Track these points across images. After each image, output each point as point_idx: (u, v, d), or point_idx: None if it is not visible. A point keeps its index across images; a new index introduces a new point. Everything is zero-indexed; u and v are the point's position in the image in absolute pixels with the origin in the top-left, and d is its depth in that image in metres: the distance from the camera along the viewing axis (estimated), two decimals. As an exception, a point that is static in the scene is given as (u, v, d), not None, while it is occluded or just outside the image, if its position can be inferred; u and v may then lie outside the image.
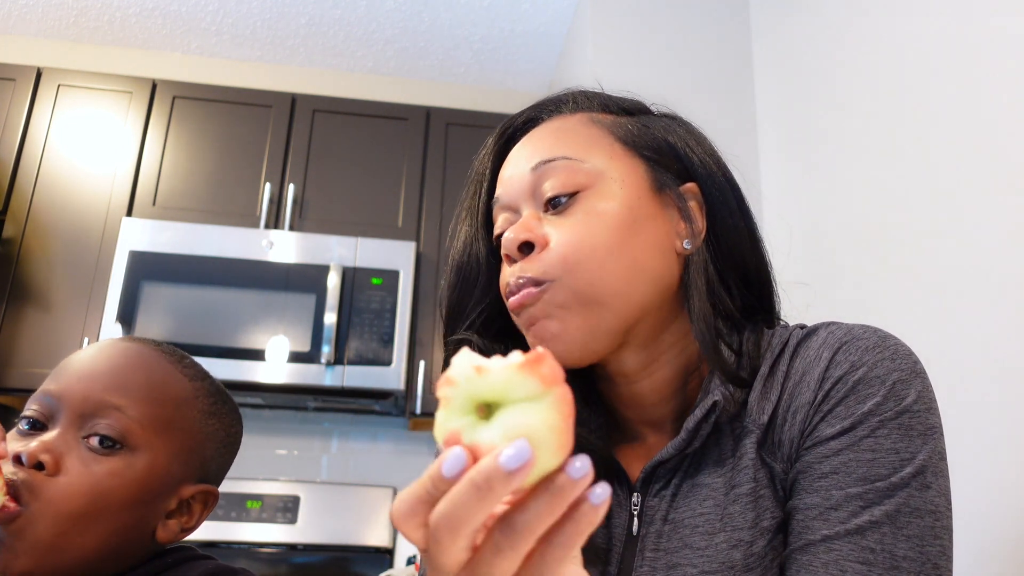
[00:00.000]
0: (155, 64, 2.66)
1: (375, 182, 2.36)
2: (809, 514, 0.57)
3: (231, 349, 2.05)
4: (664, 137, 0.70)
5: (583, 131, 0.69)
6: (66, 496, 0.66)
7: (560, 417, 0.37)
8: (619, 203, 0.65)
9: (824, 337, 0.63)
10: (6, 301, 2.09)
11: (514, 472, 0.35)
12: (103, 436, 0.69)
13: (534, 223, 0.66)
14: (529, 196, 0.67)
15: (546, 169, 0.66)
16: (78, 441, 0.68)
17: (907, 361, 0.60)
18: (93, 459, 0.68)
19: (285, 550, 2.21)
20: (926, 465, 0.56)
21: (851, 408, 0.58)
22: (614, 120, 0.71)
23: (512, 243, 0.65)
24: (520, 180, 0.68)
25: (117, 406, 0.70)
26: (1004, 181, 1.06)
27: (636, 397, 0.69)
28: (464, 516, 0.36)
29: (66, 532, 0.65)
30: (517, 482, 0.35)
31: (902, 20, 1.34)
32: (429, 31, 2.54)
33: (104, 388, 0.70)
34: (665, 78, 1.98)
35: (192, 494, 0.76)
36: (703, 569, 0.59)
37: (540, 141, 0.69)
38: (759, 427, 0.62)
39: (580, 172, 0.66)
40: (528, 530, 0.36)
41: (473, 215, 0.72)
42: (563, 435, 0.37)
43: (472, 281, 0.71)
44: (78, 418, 0.69)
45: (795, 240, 1.71)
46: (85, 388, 0.70)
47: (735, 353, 0.65)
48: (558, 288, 0.63)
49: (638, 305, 0.64)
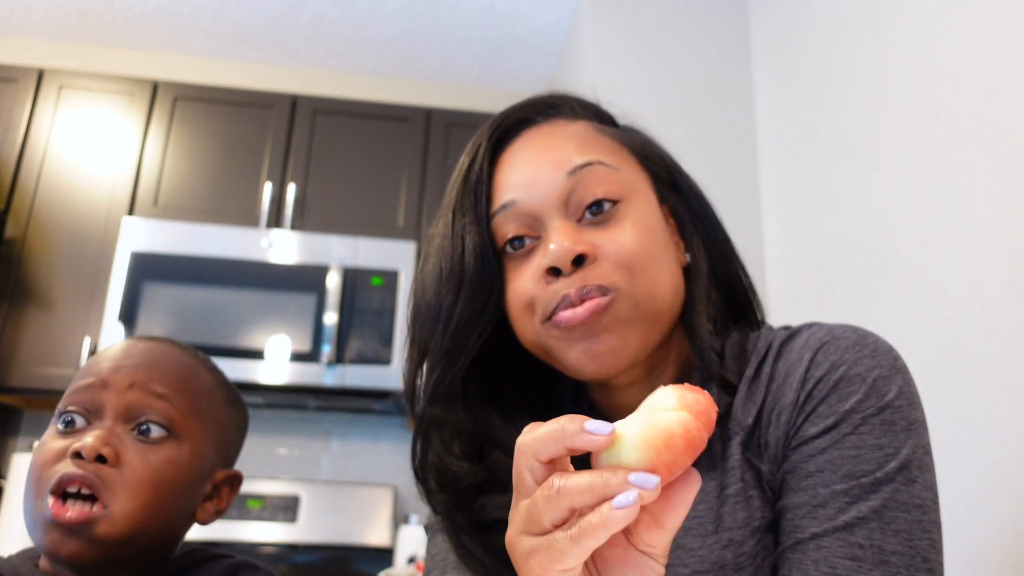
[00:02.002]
0: (156, 65, 2.67)
1: (376, 182, 2.37)
2: (798, 513, 0.58)
3: (232, 349, 2.06)
4: (658, 151, 0.71)
5: (599, 140, 0.67)
6: (135, 487, 0.69)
7: (663, 426, 0.40)
8: (654, 215, 0.66)
9: (806, 338, 0.63)
10: (8, 301, 2.10)
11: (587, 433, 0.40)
12: (154, 424, 0.71)
13: (579, 233, 0.62)
14: (561, 204, 0.63)
15: (584, 174, 0.63)
16: (128, 433, 0.70)
17: (887, 357, 0.60)
18: (148, 449, 0.71)
19: (285, 549, 2.21)
20: (910, 460, 0.56)
21: (833, 406, 0.59)
22: (617, 132, 0.70)
23: (567, 254, 0.60)
24: (550, 186, 0.63)
25: (163, 395, 0.73)
26: (1005, 183, 1.07)
27: (630, 406, 0.69)
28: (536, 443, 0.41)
29: (140, 522, 0.69)
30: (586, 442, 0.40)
31: (901, 25, 1.34)
32: (430, 32, 2.55)
33: (148, 379, 0.73)
34: (665, 79, 1.99)
35: (223, 478, 0.80)
36: (695, 569, 0.60)
37: (561, 146, 0.65)
38: (744, 429, 0.62)
39: (616, 181, 0.64)
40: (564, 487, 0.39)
41: (479, 223, 0.65)
42: (653, 439, 0.39)
43: (485, 297, 0.64)
44: (125, 411, 0.71)
45: (795, 244, 1.71)
46: (130, 380, 0.72)
47: (719, 356, 0.65)
48: (623, 300, 0.61)
49: (673, 319, 0.66)
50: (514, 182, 0.65)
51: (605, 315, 0.61)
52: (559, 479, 0.40)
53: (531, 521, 0.41)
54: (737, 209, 1.84)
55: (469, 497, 0.66)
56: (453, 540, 0.67)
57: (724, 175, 1.89)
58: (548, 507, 0.40)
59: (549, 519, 0.40)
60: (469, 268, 0.64)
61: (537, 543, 0.41)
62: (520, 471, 0.42)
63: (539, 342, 0.65)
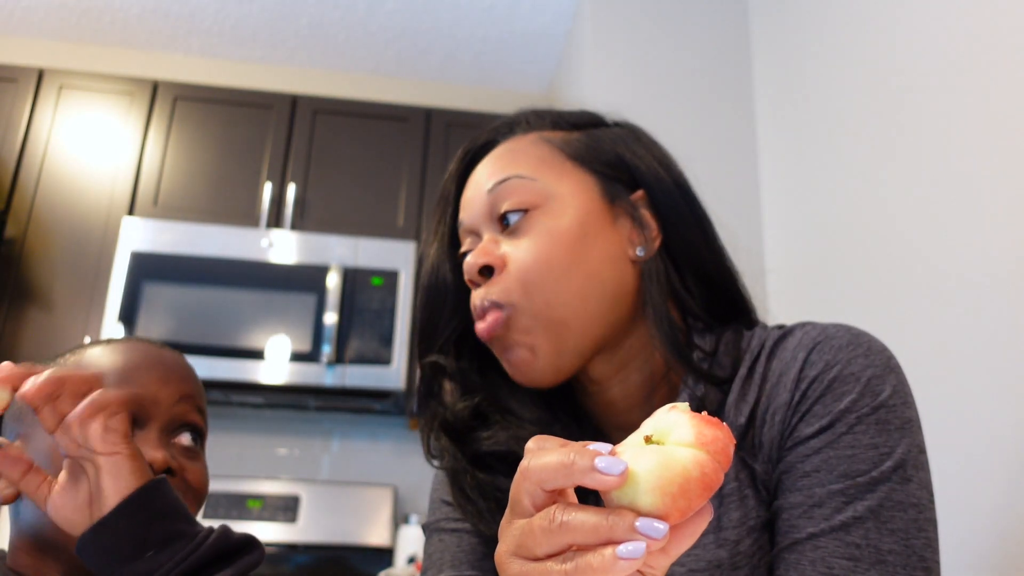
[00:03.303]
0: (156, 65, 2.67)
1: (375, 182, 2.37)
2: (794, 513, 0.58)
3: (232, 349, 2.06)
4: (612, 148, 0.71)
5: (533, 151, 0.70)
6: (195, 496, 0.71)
7: (680, 469, 0.37)
8: (569, 220, 0.67)
9: (799, 338, 0.64)
10: (8, 301, 2.10)
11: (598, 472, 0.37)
12: (195, 436, 0.73)
13: (492, 246, 0.67)
14: (487, 218, 0.69)
15: (500, 189, 0.68)
16: (168, 443, 0.71)
17: (880, 357, 0.60)
18: (193, 456, 0.72)
19: (285, 549, 2.21)
20: (905, 459, 0.57)
21: (828, 406, 0.59)
22: (563, 137, 0.72)
23: (472, 268, 0.67)
24: (479, 202, 0.70)
25: (202, 408, 0.75)
26: (1005, 182, 1.07)
27: (610, 404, 0.70)
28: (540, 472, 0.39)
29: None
30: (595, 482, 0.37)
31: (901, 23, 1.34)
32: (430, 32, 2.55)
33: (194, 391, 0.74)
34: (665, 79, 1.99)
35: None
36: (690, 568, 0.60)
37: (495, 163, 0.71)
38: (736, 428, 0.62)
39: (531, 191, 0.67)
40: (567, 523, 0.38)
41: (441, 238, 0.74)
42: (668, 483, 0.37)
43: (441, 303, 0.72)
44: (170, 420, 0.71)
45: (795, 243, 1.71)
46: (178, 391, 0.73)
47: (707, 354, 0.65)
48: (520, 313, 0.65)
49: (598, 318, 0.66)
50: (464, 201, 0.72)
51: (506, 329, 0.65)
52: (562, 513, 0.38)
53: (524, 546, 0.40)
54: (737, 209, 1.84)
55: (466, 433, 0.70)
56: (453, 485, 0.70)
57: (724, 175, 1.89)
58: (546, 538, 0.38)
59: (545, 550, 0.39)
60: (427, 278, 0.73)
61: (528, 569, 0.40)
62: (519, 494, 0.41)
63: None
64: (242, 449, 2.38)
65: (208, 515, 2.18)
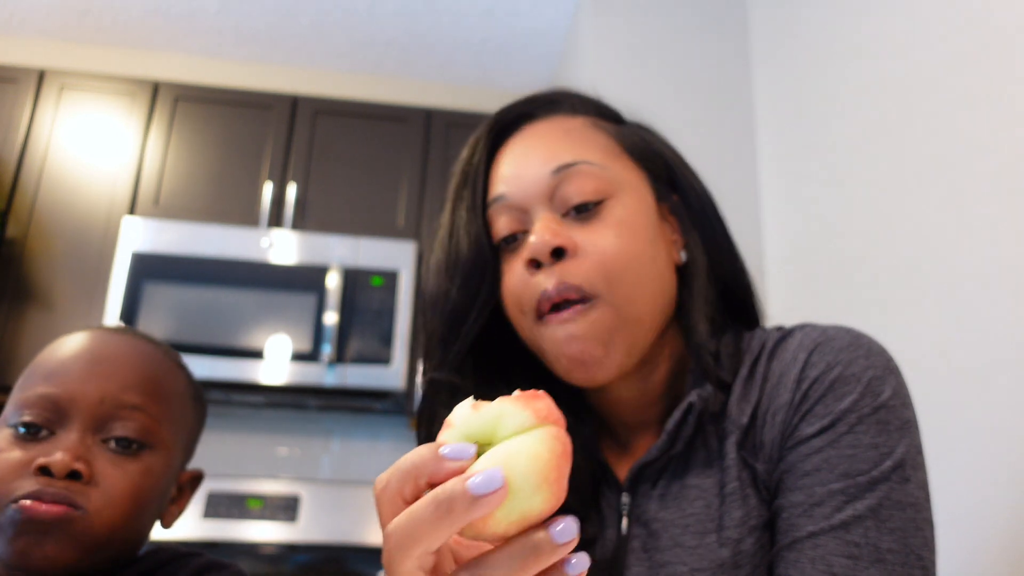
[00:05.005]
0: (157, 65, 2.67)
1: (376, 182, 2.37)
2: (794, 512, 0.58)
3: (232, 349, 2.06)
4: (657, 148, 0.71)
5: (594, 137, 0.67)
6: (113, 503, 0.65)
7: (548, 452, 0.35)
8: (643, 214, 0.65)
9: (800, 339, 0.64)
10: (8, 301, 2.11)
11: (480, 498, 0.34)
12: (128, 439, 0.67)
13: (560, 227, 0.63)
14: (546, 199, 0.64)
15: (569, 173, 0.64)
16: (98, 444, 0.66)
17: (881, 358, 0.61)
18: (122, 461, 0.66)
19: (285, 549, 2.22)
20: (905, 459, 0.57)
21: (829, 406, 0.59)
22: (616, 129, 0.70)
23: (545, 247, 0.61)
24: (535, 181, 0.65)
25: (137, 406, 0.68)
26: (1005, 183, 1.07)
27: (625, 402, 0.70)
28: (419, 533, 0.35)
29: (117, 531, 0.66)
30: (482, 510, 0.34)
31: (900, 24, 1.34)
32: (430, 33, 2.55)
33: (120, 388, 0.68)
34: (665, 78, 1.99)
35: (187, 479, 0.78)
36: (693, 567, 0.60)
37: (553, 142, 0.66)
38: (739, 428, 0.63)
39: (603, 178, 0.64)
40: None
41: (476, 213, 0.66)
42: (548, 471, 0.35)
43: (478, 284, 0.65)
44: (94, 420, 0.66)
45: (795, 243, 1.72)
46: (100, 389, 0.67)
47: (713, 356, 0.65)
48: (604, 308, 0.61)
49: (660, 320, 0.65)
50: (505, 175, 0.67)
51: (584, 321, 0.61)
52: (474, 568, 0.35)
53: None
54: (737, 209, 1.83)
55: None
56: None
57: (724, 175, 1.89)
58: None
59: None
60: (463, 254, 0.65)
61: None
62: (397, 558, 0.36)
63: (533, 341, 0.66)
64: (242, 449, 2.38)
65: (208, 515, 2.19)
